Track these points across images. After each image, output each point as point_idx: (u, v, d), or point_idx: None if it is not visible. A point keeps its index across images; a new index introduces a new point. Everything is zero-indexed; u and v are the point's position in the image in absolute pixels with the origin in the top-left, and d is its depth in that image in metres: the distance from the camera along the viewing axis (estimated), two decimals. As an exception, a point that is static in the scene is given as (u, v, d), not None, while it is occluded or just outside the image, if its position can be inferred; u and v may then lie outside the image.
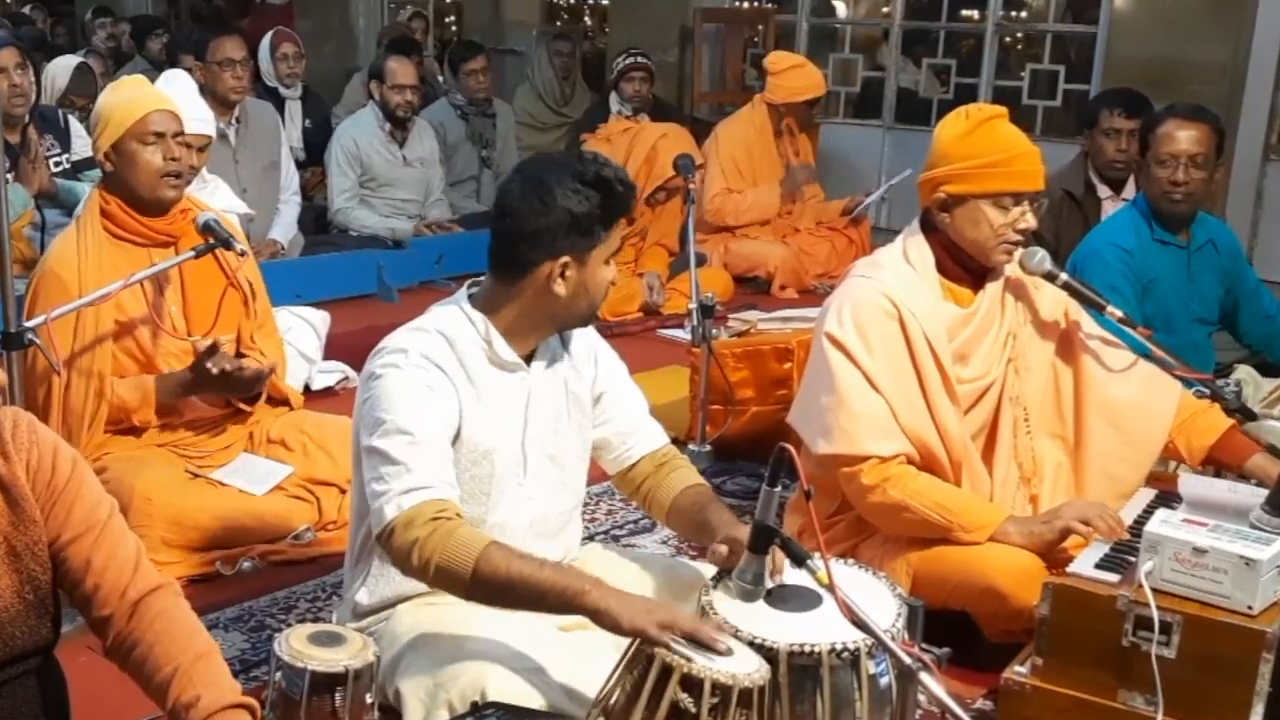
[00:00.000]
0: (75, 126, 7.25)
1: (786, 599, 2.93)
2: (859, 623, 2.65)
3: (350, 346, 6.34)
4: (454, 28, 14.93)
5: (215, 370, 4.40)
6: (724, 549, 3.02)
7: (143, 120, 4.40)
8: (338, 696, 2.69)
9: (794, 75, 9.00)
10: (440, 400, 3.07)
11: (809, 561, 2.76)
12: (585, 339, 3.42)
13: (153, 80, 4.96)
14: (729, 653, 2.67)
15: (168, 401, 4.51)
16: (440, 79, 11.20)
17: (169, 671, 2.46)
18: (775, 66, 9.09)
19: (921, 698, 2.78)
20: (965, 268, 3.89)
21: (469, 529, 2.93)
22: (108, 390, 4.40)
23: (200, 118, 5.33)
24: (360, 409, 3.13)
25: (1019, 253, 3.88)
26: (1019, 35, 11.41)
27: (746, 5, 12.56)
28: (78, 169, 6.98)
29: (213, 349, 4.39)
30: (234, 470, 4.58)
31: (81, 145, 7.01)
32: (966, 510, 3.74)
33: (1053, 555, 3.65)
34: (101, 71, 9.05)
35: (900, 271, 3.87)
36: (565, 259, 3.08)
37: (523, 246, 3.09)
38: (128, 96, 4.49)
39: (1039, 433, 4.01)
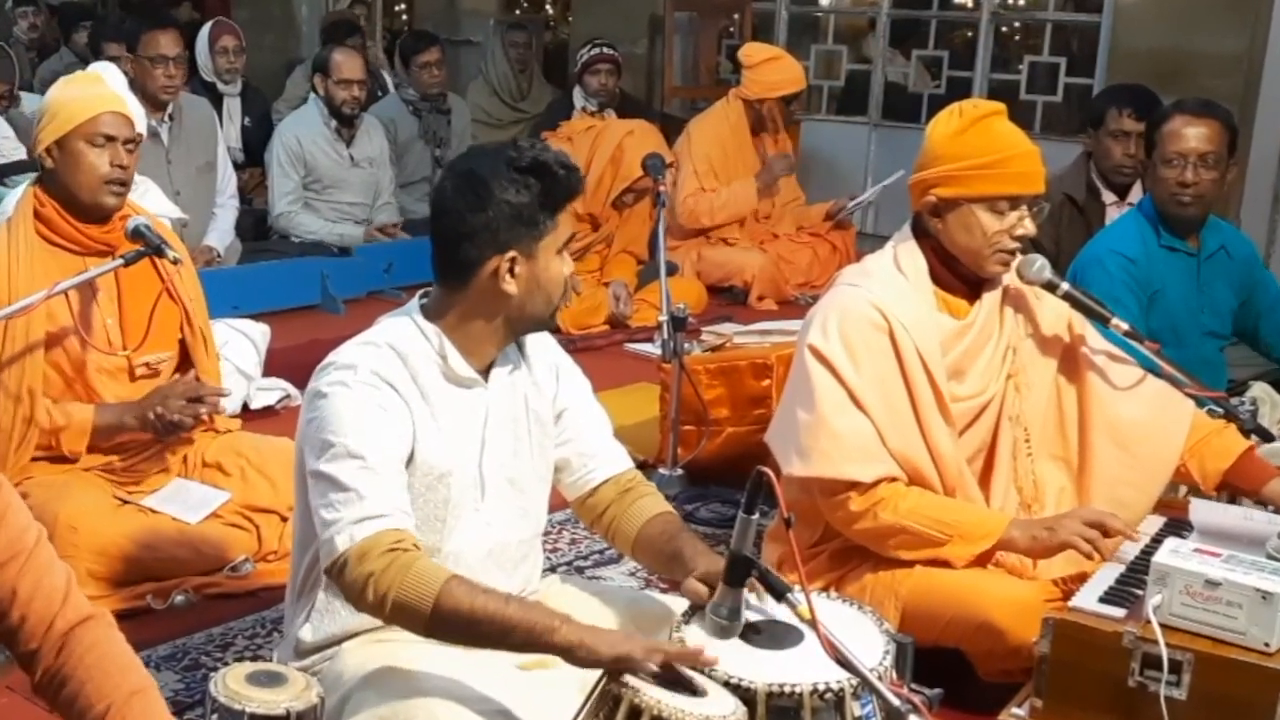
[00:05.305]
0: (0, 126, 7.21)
1: (765, 635, 2.92)
2: (843, 661, 2.66)
3: (292, 362, 6.31)
4: (405, 16, 14.92)
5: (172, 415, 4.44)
6: (703, 589, 3.00)
7: (94, 120, 4.37)
8: (279, 741, 2.68)
9: (770, 68, 9.02)
10: (393, 421, 3.05)
11: (789, 595, 2.76)
12: (547, 352, 3.41)
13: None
14: (703, 693, 2.66)
15: (104, 434, 4.49)
16: (388, 73, 11.18)
17: (101, 709, 2.45)
18: (750, 59, 9.11)
19: (912, 742, 2.78)
20: (960, 277, 3.89)
21: (428, 562, 2.92)
22: (40, 415, 4.36)
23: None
24: (305, 430, 3.11)
25: (1016, 261, 3.89)
26: (1016, 25, 11.48)
27: (721, -8, 12.58)
28: (2, 173, 6.93)
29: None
30: (166, 497, 4.55)
31: (9, 147, 6.97)
32: (967, 521, 3.75)
33: (1065, 585, 3.66)
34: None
35: (891, 280, 3.86)
36: (512, 254, 3.07)
37: (465, 246, 3.08)
38: (81, 93, 4.45)
39: (1040, 455, 4.01)
